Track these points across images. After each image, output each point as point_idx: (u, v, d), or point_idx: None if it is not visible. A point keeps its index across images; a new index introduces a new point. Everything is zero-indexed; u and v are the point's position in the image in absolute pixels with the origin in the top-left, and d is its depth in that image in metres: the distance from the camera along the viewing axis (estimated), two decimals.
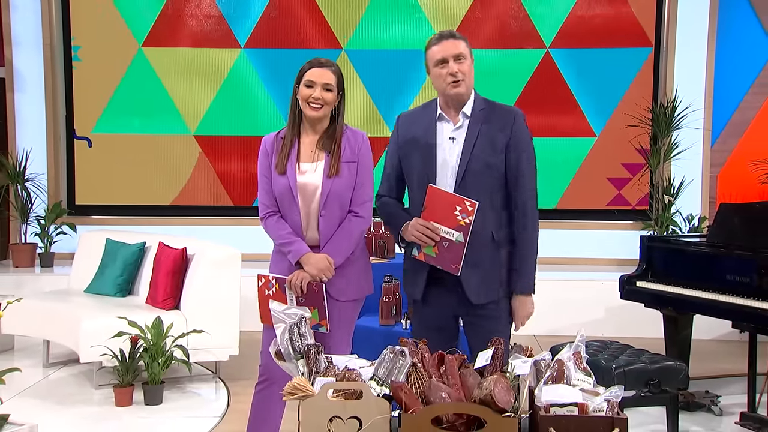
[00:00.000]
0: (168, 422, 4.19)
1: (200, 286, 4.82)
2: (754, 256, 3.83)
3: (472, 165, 2.77)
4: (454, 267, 2.76)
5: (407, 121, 2.96)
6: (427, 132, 2.86)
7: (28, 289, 6.10)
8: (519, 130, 2.83)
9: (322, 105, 2.92)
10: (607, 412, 1.82)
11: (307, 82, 2.93)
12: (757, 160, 6.68)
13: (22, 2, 7.03)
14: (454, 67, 2.77)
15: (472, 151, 2.78)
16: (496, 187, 2.81)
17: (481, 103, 2.86)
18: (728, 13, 6.83)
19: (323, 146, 2.98)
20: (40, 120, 7.06)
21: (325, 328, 2.94)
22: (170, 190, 7.12)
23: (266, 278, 2.96)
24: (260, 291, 2.97)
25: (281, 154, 2.97)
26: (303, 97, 2.94)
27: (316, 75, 2.92)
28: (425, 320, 2.92)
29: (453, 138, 2.83)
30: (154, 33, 7.02)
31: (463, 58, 2.79)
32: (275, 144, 3.02)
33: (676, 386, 3.56)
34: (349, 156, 2.97)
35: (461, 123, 2.84)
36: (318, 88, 2.91)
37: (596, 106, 6.97)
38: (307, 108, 2.94)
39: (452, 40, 2.80)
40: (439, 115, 2.87)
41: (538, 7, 6.90)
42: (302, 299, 2.92)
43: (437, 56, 2.80)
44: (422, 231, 2.75)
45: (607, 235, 6.97)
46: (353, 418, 1.85)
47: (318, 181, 2.94)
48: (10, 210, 7.05)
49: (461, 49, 2.79)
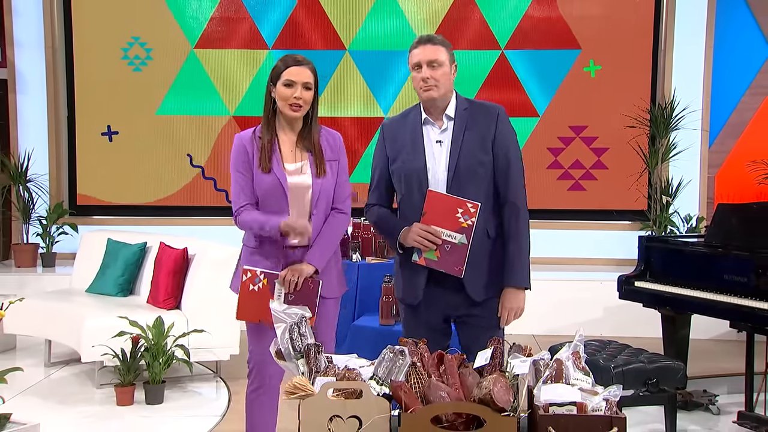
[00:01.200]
0: (169, 421, 4.20)
1: (201, 285, 4.84)
2: (752, 256, 3.84)
3: (461, 165, 2.79)
4: (457, 269, 2.76)
5: (392, 128, 2.95)
6: (414, 137, 2.86)
7: (30, 289, 6.11)
8: (503, 126, 2.85)
9: (302, 105, 2.89)
10: (605, 412, 1.84)
11: (286, 81, 2.87)
12: (754, 161, 6.69)
13: (24, 5, 7.04)
14: (426, 73, 2.78)
15: (460, 152, 2.79)
16: (486, 184, 2.82)
17: (463, 103, 2.88)
18: (726, 14, 6.85)
19: (304, 146, 2.96)
20: (42, 121, 7.07)
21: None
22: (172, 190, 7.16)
23: (253, 272, 2.88)
24: (244, 285, 2.88)
25: (262, 153, 2.91)
26: (283, 97, 2.88)
27: (295, 74, 2.87)
28: (420, 322, 2.90)
29: (440, 141, 2.84)
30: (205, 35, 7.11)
31: (437, 64, 2.79)
32: (254, 142, 2.95)
33: (674, 385, 3.57)
34: (330, 155, 2.98)
35: (446, 125, 2.85)
36: (298, 88, 2.87)
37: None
38: (287, 108, 2.89)
39: (429, 45, 2.80)
40: (425, 120, 2.88)
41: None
42: (291, 296, 2.87)
43: (413, 60, 2.82)
44: (424, 236, 2.75)
45: (606, 235, 6.98)
46: (353, 418, 1.86)
47: (308, 181, 2.93)
48: (12, 210, 7.06)
49: (437, 55, 2.79)
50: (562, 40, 6.98)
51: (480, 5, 6.98)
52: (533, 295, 3.06)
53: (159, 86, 7.14)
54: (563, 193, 7.05)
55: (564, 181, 7.05)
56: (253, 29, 7.08)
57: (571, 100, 7.00)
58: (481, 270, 2.81)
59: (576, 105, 7.00)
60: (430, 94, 2.80)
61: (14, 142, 7.09)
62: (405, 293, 2.94)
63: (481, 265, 2.81)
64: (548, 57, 6.99)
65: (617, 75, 6.96)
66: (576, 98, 6.99)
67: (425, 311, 2.89)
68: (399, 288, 2.98)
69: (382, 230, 3.02)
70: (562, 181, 7.06)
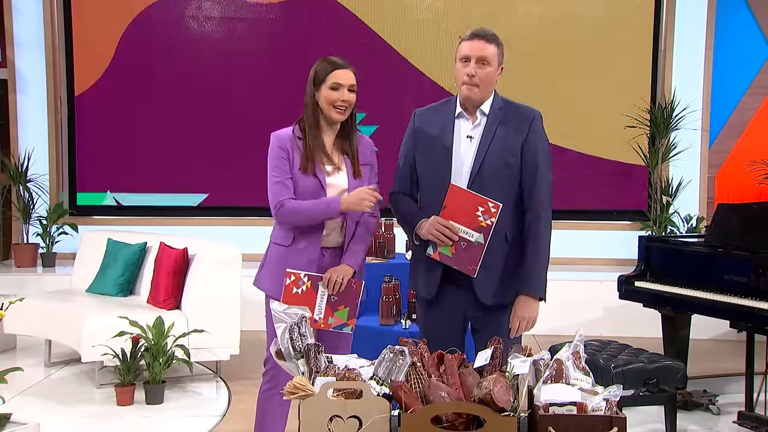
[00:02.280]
0: (169, 421, 4.20)
1: (201, 285, 4.84)
2: (752, 256, 3.85)
3: (486, 164, 2.75)
4: (471, 268, 2.71)
5: (424, 117, 2.92)
6: (445, 129, 2.83)
7: (30, 289, 6.11)
8: (536, 131, 2.80)
9: (347, 107, 2.90)
10: (605, 412, 1.84)
11: (333, 84, 2.87)
12: (754, 161, 6.70)
13: (24, 4, 7.04)
14: (472, 70, 2.73)
15: (487, 150, 2.76)
16: (510, 186, 2.78)
17: (499, 102, 2.84)
18: (726, 14, 6.85)
19: (341, 148, 2.97)
20: (42, 121, 7.07)
21: (350, 329, 2.92)
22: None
23: (297, 275, 2.85)
24: (288, 289, 2.85)
25: (304, 154, 2.91)
26: (329, 100, 2.88)
27: (341, 77, 2.88)
28: (436, 319, 2.87)
29: (470, 136, 2.80)
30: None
31: (486, 63, 2.74)
32: (293, 143, 2.94)
33: (674, 385, 3.57)
34: (364, 158, 3.00)
35: (479, 121, 2.81)
36: (344, 90, 2.88)
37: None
38: (332, 111, 2.89)
39: (482, 42, 2.74)
40: (459, 113, 2.83)
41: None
42: (334, 298, 2.87)
43: (463, 52, 2.76)
44: (441, 230, 2.71)
45: (606, 235, 6.98)
46: (353, 418, 1.86)
47: (345, 183, 2.94)
48: (12, 210, 7.06)
49: (487, 53, 2.73)
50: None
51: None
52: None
53: None
54: (563, 193, 7.04)
55: (564, 181, 7.04)
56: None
57: (572, 100, 7.00)
58: (494, 273, 2.76)
59: (576, 104, 7.00)
60: (471, 94, 2.76)
61: (14, 142, 7.09)
62: (421, 287, 2.91)
63: (495, 268, 2.76)
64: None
65: (617, 75, 6.96)
66: (576, 98, 6.99)
67: (440, 307, 2.86)
68: (415, 281, 2.96)
69: (401, 218, 2.97)
70: (562, 181, 7.05)
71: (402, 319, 4.51)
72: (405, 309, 4.53)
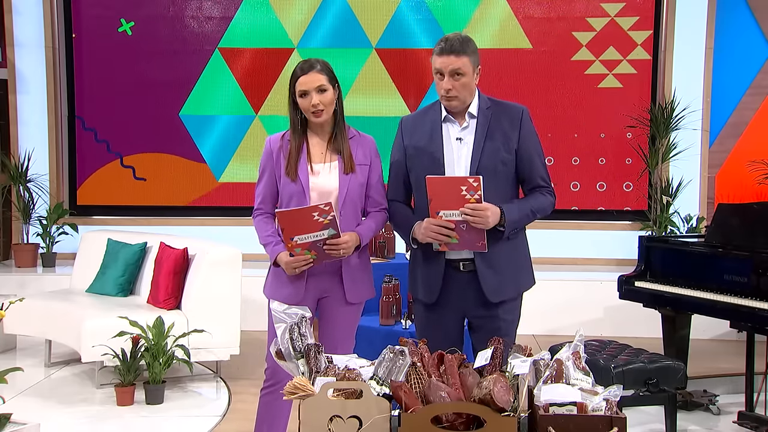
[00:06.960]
0: (169, 421, 4.21)
1: (201, 285, 4.84)
2: (752, 256, 3.84)
3: (483, 163, 2.78)
4: (480, 245, 2.74)
5: (411, 125, 2.95)
6: (433, 135, 2.85)
7: (30, 289, 6.11)
8: (526, 127, 2.85)
9: (323, 109, 2.89)
10: (605, 412, 1.84)
11: (300, 92, 2.89)
12: (754, 161, 6.69)
13: (24, 4, 7.04)
14: (448, 84, 2.77)
15: (482, 150, 2.78)
16: (506, 184, 2.83)
17: (486, 102, 2.87)
18: (726, 14, 6.84)
19: (335, 147, 2.97)
20: (42, 121, 7.07)
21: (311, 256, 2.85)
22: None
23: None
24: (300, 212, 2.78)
25: (290, 158, 2.93)
26: (303, 107, 2.90)
27: (305, 83, 2.87)
28: (436, 321, 2.88)
29: (460, 139, 2.83)
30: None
31: (460, 74, 2.76)
32: (282, 147, 2.98)
33: (674, 385, 3.57)
34: (361, 159, 2.98)
35: (467, 123, 2.84)
36: (313, 95, 2.87)
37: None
38: (311, 116, 2.91)
39: (452, 56, 2.74)
40: (445, 117, 2.86)
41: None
42: (321, 245, 2.79)
43: (435, 66, 2.80)
44: (437, 231, 2.72)
45: (606, 235, 6.97)
46: (353, 418, 1.87)
47: (335, 182, 2.93)
48: (13, 210, 7.06)
49: (459, 65, 2.74)
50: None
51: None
52: (534, 295, 3.06)
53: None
54: (563, 193, 7.05)
55: (564, 181, 7.04)
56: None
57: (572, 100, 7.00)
58: (496, 270, 2.79)
59: (576, 104, 6.99)
60: (450, 104, 2.82)
61: (14, 142, 7.09)
62: (421, 292, 2.91)
63: (498, 264, 2.79)
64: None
65: (617, 75, 6.95)
66: (576, 98, 6.99)
67: (441, 310, 2.87)
68: (415, 287, 2.95)
69: (398, 226, 3.00)
70: (562, 181, 7.05)
71: (402, 319, 4.51)
72: (405, 309, 4.53)
